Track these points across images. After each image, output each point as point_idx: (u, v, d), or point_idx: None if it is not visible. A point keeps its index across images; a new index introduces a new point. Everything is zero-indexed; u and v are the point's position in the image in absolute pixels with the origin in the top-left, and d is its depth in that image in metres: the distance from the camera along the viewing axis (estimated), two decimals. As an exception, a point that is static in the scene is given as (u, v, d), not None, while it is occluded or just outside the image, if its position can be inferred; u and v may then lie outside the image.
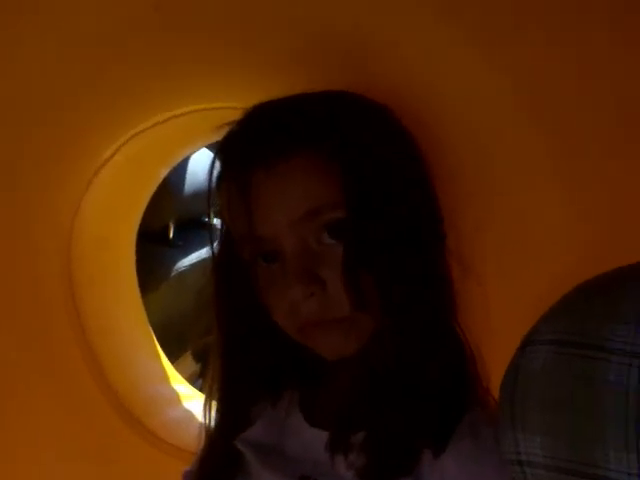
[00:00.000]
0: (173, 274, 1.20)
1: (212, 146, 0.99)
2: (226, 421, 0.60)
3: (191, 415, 0.90)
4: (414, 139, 0.55)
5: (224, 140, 0.55)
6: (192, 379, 1.16)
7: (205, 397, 0.63)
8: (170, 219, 1.29)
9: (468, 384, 0.52)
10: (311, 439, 0.54)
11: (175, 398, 0.92)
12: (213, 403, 0.62)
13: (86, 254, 0.90)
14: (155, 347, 0.99)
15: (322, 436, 0.52)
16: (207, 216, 0.62)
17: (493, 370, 0.50)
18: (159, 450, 0.85)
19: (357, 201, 0.47)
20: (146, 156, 0.90)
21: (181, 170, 1.30)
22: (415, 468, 0.48)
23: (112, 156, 0.84)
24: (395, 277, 0.48)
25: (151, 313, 1.05)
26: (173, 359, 1.09)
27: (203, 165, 1.41)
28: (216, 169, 0.56)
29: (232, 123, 0.55)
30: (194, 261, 1.31)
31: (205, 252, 1.40)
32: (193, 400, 0.93)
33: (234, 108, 0.82)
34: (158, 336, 1.01)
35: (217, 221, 1.70)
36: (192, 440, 0.65)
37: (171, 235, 1.31)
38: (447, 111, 0.59)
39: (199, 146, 0.97)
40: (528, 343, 0.45)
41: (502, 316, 0.56)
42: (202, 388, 0.79)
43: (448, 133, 0.58)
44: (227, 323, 0.58)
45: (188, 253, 1.32)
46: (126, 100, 0.79)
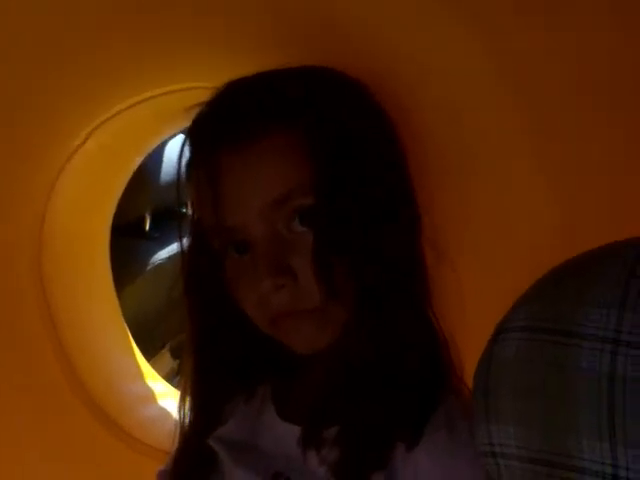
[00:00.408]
0: (150, 267, 1.21)
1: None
2: (199, 419, 0.61)
3: (167, 413, 0.90)
4: (390, 119, 0.54)
5: (193, 122, 0.55)
6: (170, 376, 1.17)
7: (180, 394, 0.64)
8: (146, 210, 1.29)
9: (443, 373, 0.53)
10: (283, 434, 0.55)
11: (150, 396, 0.93)
12: (187, 400, 0.62)
13: (57, 246, 0.90)
14: (130, 343, 0.99)
15: (294, 431, 0.53)
16: (179, 205, 0.63)
17: (467, 359, 0.51)
18: (134, 450, 0.85)
19: (328, 185, 0.47)
20: (119, 143, 0.90)
21: (157, 157, 1.29)
22: (389, 462, 0.48)
23: (83, 143, 0.84)
24: (369, 264, 0.48)
25: (127, 308, 1.05)
26: (150, 356, 1.09)
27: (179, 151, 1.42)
28: (185, 154, 0.56)
29: (202, 103, 0.55)
30: (172, 253, 1.30)
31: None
32: (169, 398, 0.94)
33: (209, 88, 0.83)
34: (134, 332, 1.01)
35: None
36: (168, 439, 0.66)
37: (147, 227, 1.31)
38: (427, 92, 0.59)
39: (174, 131, 0.97)
40: (501, 330, 0.45)
41: (477, 303, 0.57)
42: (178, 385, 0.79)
43: (426, 115, 0.58)
44: (198, 317, 0.59)
45: (165, 245, 1.32)
46: (97, 83, 0.79)
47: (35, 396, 0.87)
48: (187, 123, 0.96)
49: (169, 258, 1.29)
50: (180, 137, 1.17)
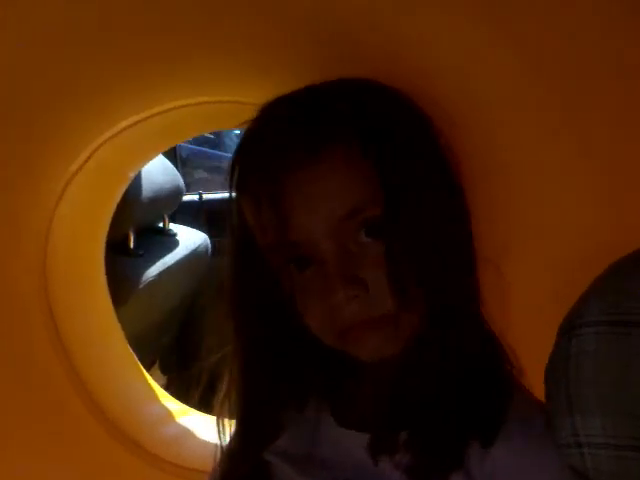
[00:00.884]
0: (142, 285, 1.19)
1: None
2: (253, 432, 0.60)
3: (187, 431, 0.90)
4: (434, 124, 0.56)
5: (244, 141, 0.56)
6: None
7: (218, 410, 0.63)
8: (129, 227, 1.27)
9: (506, 370, 0.55)
10: (347, 442, 0.55)
11: (168, 415, 0.92)
12: (227, 416, 0.62)
13: (60, 266, 0.88)
14: (137, 364, 0.98)
15: (360, 438, 0.54)
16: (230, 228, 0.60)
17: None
18: (157, 468, 0.84)
19: (396, 194, 0.49)
20: (118, 160, 0.89)
21: (136, 175, 1.28)
22: (465, 461, 0.49)
23: (86, 161, 0.82)
24: (438, 272, 0.50)
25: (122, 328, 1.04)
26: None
27: (157, 168, 1.41)
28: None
29: (247, 122, 0.56)
30: (161, 269, 1.29)
31: (170, 259, 1.39)
32: (185, 416, 0.93)
33: (213, 103, 0.83)
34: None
35: (174, 226, 1.66)
36: (191, 456, 0.65)
37: (132, 244, 1.29)
38: (456, 91, 0.60)
39: (170, 146, 0.96)
40: (574, 326, 0.48)
41: (519, 303, 0.59)
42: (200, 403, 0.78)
43: (460, 116, 0.60)
44: (248, 331, 0.59)
45: (150, 262, 1.30)
46: (102, 100, 0.79)
47: (54, 423, 0.85)
48: (186, 138, 0.94)
49: (159, 275, 1.27)
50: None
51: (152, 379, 1.13)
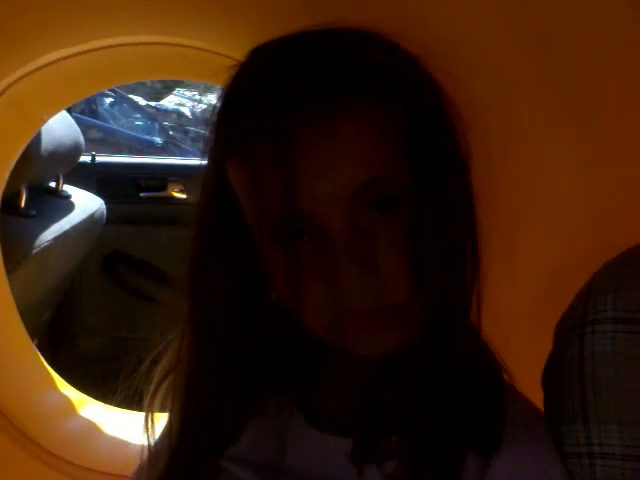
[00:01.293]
0: (35, 250, 1.04)
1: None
2: (205, 434, 0.52)
3: (92, 425, 0.78)
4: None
5: (233, 93, 0.46)
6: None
7: (149, 404, 0.54)
8: (22, 184, 1.11)
9: (501, 374, 0.51)
10: (325, 449, 0.49)
11: (68, 406, 0.80)
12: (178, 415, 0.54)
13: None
14: (30, 343, 0.84)
15: (341, 444, 0.47)
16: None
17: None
18: (56, 470, 0.72)
19: (426, 169, 0.42)
20: (33, 99, 0.76)
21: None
22: (462, 473, 0.45)
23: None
24: (455, 255, 0.45)
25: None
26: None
27: (57, 120, 1.25)
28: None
29: (245, 64, 0.46)
30: (57, 234, 1.14)
31: (66, 223, 1.24)
32: (88, 407, 0.81)
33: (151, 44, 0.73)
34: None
35: (68, 188, 1.51)
36: (94, 455, 0.56)
37: (23, 203, 1.13)
38: (463, 64, 0.56)
39: (96, 91, 0.84)
40: (585, 323, 0.44)
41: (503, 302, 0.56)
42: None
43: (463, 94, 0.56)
44: (210, 316, 0.50)
45: (44, 225, 1.15)
46: (20, 31, 0.66)
47: None
48: (113, 83, 0.83)
49: (54, 240, 1.12)
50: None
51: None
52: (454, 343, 0.46)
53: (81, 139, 1.37)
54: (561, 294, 0.49)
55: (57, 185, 1.35)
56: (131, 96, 4.44)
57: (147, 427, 0.55)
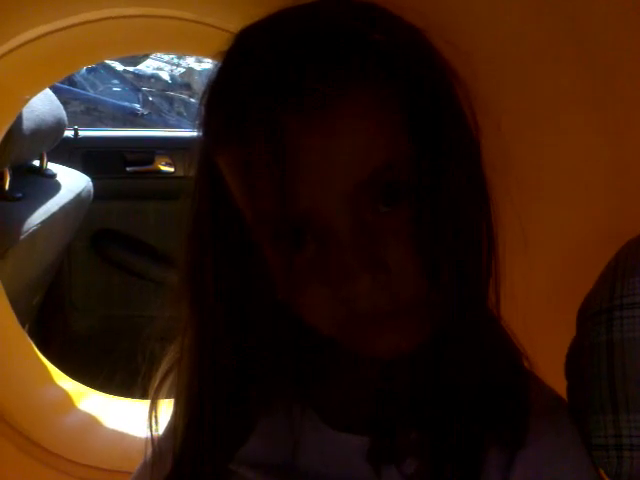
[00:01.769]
0: (23, 236, 1.00)
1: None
2: (214, 435, 0.50)
3: (91, 419, 0.76)
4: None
5: (224, 76, 0.42)
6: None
7: (153, 398, 0.52)
8: (5, 165, 1.06)
9: (522, 363, 0.48)
10: (340, 448, 0.47)
11: (66, 400, 0.77)
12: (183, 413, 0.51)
13: None
14: (23, 334, 0.81)
15: (357, 442, 0.45)
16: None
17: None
18: (54, 469, 0.70)
19: (433, 155, 0.39)
20: (14, 78, 0.71)
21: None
22: (486, 467, 0.43)
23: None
24: (469, 243, 0.42)
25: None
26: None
27: (39, 96, 1.20)
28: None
29: (236, 47, 0.42)
30: (44, 217, 1.10)
31: (54, 205, 1.19)
32: (87, 399, 0.79)
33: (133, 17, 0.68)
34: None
35: (52, 166, 1.46)
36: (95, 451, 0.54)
37: (7, 185, 1.08)
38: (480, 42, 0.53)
39: (75, 69, 0.80)
40: (613, 307, 0.42)
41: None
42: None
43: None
44: (212, 314, 0.48)
45: (31, 208, 1.11)
46: (4, 10, 0.61)
47: None
48: (97, 59, 0.79)
49: (42, 224, 1.08)
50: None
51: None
52: (472, 334, 0.43)
53: (63, 114, 1.31)
54: (579, 277, 0.47)
55: (41, 164, 1.30)
56: (108, 62, 4.32)
57: (151, 424, 0.53)
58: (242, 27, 0.42)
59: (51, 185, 1.28)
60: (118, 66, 4.53)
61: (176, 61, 4.93)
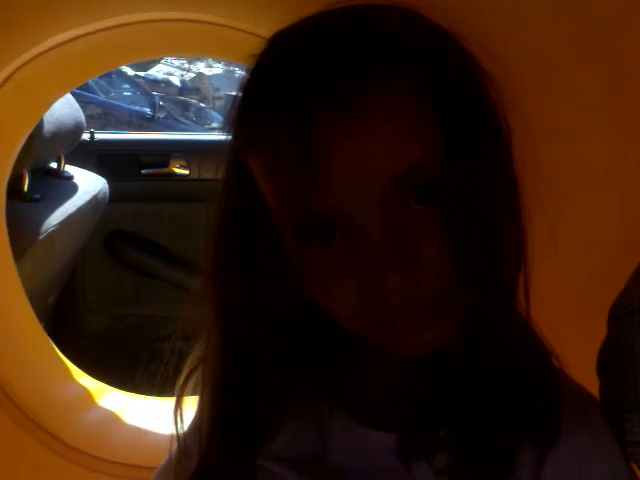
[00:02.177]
0: (41, 237, 1.01)
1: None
2: (243, 430, 0.50)
3: (111, 415, 0.77)
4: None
5: (258, 77, 0.43)
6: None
7: (179, 395, 0.53)
8: (25, 167, 1.07)
9: (551, 360, 0.49)
10: (369, 445, 0.47)
11: (86, 396, 0.78)
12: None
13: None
14: (42, 332, 0.82)
15: (386, 439, 0.45)
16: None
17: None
18: (75, 463, 0.71)
19: (465, 152, 0.39)
20: (38, 83, 0.73)
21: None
22: (518, 465, 0.43)
23: (3, 84, 0.65)
24: (498, 240, 0.42)
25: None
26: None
27: (61, 101, 1.21)
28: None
29: (268, 49, 0.43)
30: (62, 218, 1.11)
31: (71, 206, 1.21)
32: (106, 396, 0.80)
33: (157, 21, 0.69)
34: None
35: (70, 168, 1.48)
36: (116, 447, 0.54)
37: (25, 187, 1.09)
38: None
39: (100, 72, 0.81)
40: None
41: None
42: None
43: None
44: (240, 314, 0.48)
45: (49, 209, 1.12)
46: (26, 15, 0.62)
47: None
48: (123, 62, 0.79)
49: (60, 224, 1.09)
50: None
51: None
52: (502, 331, 0.44)
53: (82, 118, 1.33)
54: (608, 278, 0.48)
55: (59, 166, 1.32)
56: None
57: (176, 420, 0.53)
58: (274, 31, 0.44)
59: (68, 187, 1.30)
60: (129, 71, 4.55)
61: (187, 66, 4.95)
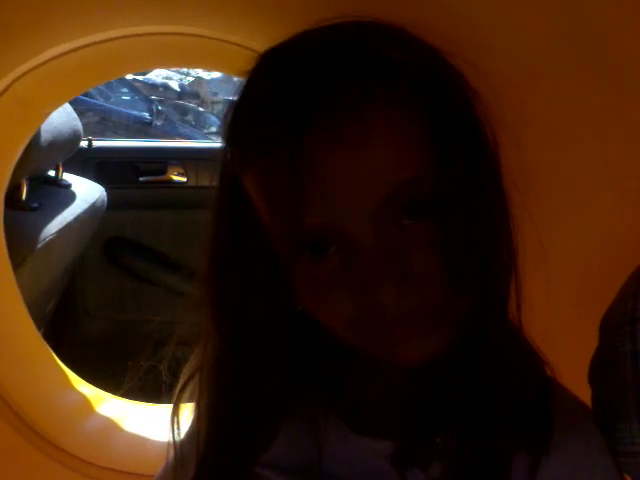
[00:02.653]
0: (39, 245, 1.01)
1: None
2: (239, 439, 0.50)
3: (110, 423, 0.77)
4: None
5: (250, 93, 0.43)
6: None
7: (176, 402, 0.53)
8: (23, 176, 1.07)
9: (544, 369, 0.49)
10: (365, 453, 0.47)
11: (85, 404, 0.78)
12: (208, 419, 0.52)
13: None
14: (41, 340, 0.82)
15: (381, 447, 0.46)
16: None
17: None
18: (75, 471, 0.71)
19: (454, 169, 0.39)
20: (37, 95, 0.73)
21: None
22: (512, 473, 0.43)
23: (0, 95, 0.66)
24: (489, 251, 0.42)
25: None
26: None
27: (58, 110, 1.21)
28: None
29: (260, 65, 0.43)
30: (60, 227, 1.11)
31: (69, 214, 1.21)
32: (105, 403, 0.80)
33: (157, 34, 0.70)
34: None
35: (67, 177, 1.48)
36: (115, 454, 0.55)
37: (24, 196, 1.10)
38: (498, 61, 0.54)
39: (98, 83, 0.81)
40: (636, 319, 0.43)
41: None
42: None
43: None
44: (236, 324, 0.49)
45: (47, 217, 1.12)
46: (26, 27, 0.63)
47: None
48: (120, 74, 0.80)
49: (58, 233, 1.09)
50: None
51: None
52: (495, 340, 0.44)
53: (79, 126, 1.33)
54: (599, 289, 0.48)
55: (56, 174, 1.32)
56: (118, 71, 4.34)
57: (173, 428, 0.53)
58: (266, 46, 0.44)
59: (66, 195, 1.30)
60: (128, 75, 4.55)
61: (185, 70, 4.95)
